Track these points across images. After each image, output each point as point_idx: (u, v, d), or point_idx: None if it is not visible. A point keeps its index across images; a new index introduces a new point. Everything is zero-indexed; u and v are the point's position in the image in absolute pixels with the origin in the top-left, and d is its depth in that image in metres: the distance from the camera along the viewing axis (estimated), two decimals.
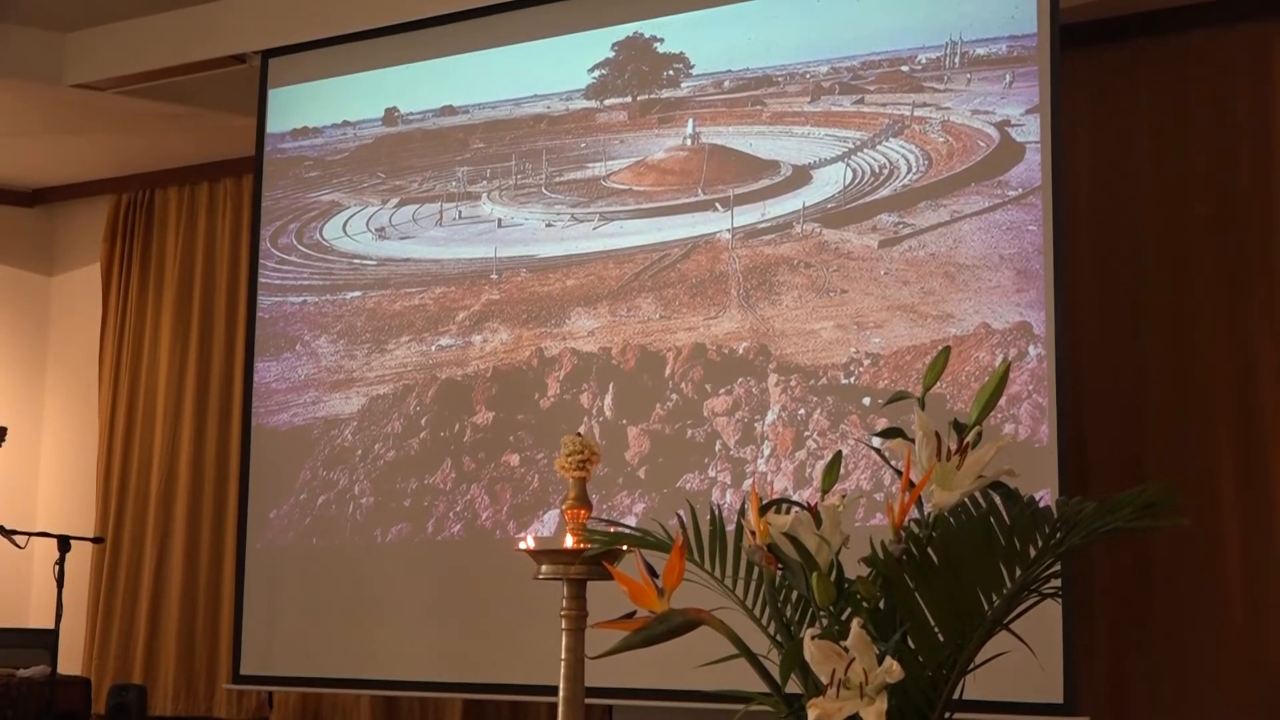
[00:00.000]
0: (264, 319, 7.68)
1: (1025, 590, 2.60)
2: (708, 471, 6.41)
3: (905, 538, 2.61)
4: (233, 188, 9.26)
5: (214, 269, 9.27)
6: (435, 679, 7.00)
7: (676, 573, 2.76)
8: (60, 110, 8.67)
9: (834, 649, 2.51)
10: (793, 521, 2.70)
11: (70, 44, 8.17)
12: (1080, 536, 2.54)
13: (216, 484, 8.95)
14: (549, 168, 7.08)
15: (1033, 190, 5.96)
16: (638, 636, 2.78)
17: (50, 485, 9.82)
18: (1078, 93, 6.65)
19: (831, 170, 6.41)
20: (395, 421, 7.23)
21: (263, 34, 7.79)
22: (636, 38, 6.91)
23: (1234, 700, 6.30)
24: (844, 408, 6.17)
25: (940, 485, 2.60)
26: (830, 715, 2.46)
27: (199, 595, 8.90)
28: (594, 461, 3.64)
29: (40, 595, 9.20)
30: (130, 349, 9.48)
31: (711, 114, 6.71)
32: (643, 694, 6.20)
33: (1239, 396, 6.48)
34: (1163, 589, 6.46)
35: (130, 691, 7.48)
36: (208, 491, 8.99)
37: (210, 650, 8.80)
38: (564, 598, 3.59)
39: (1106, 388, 6.64)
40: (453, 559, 6.98)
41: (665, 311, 6.64)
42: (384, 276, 7.41)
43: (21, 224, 10.09)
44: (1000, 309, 5.95)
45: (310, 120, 7.76)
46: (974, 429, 2.66)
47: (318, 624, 7.28)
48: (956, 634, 2.57)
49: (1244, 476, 6.42)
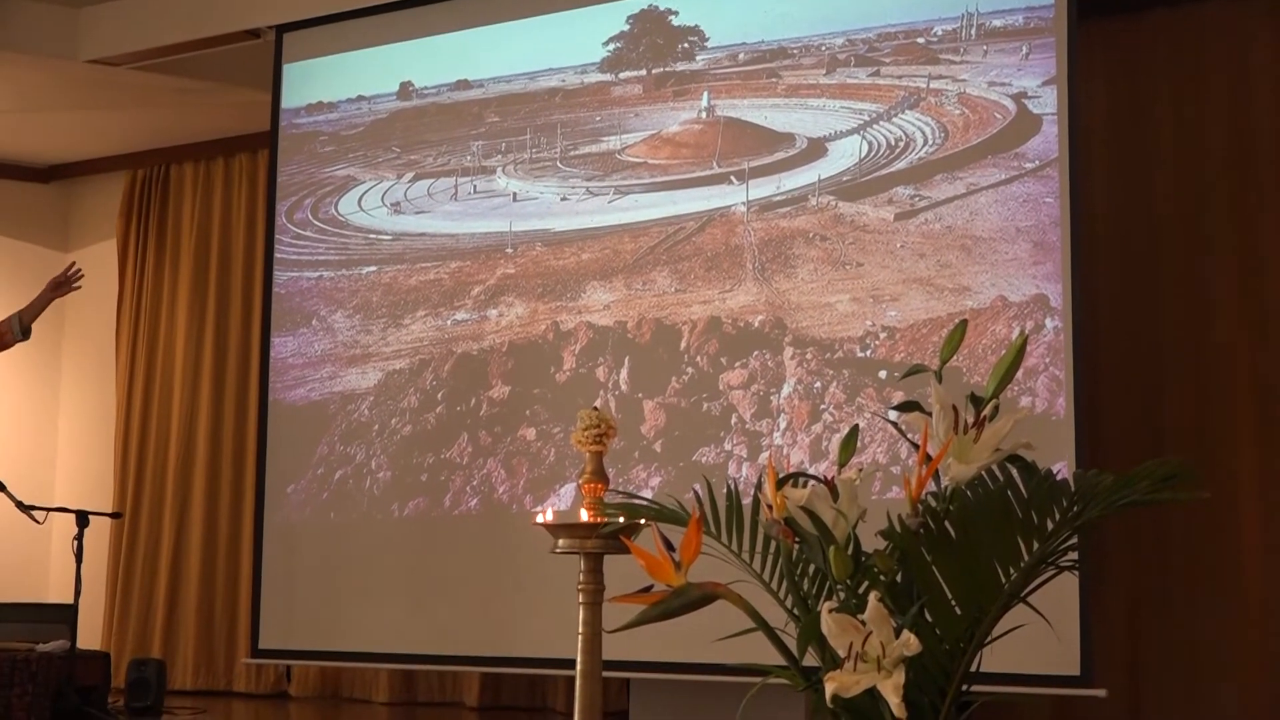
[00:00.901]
0: (280, 294, 7.69)
1: (1042, 563, 2.59)
2: (724, 445, 6.41)
3: (922, 511, 2.61)
4: (248, 163, 9.27)
5: (230, 245, 9.29)
6: (453, 653, 7.02)
7: (693, 547, 2.76)
8: (75, 86, 8.68)
9: (851, 622, 2.51)
10: (809, 495, 2.69)
11: (85, 19, 8.17)
12: (1098, 509, 2.54)
13: (234, 459, 8.99)
14: (564, 141, 7.07)
15: (1050, 162, 5.94)
16: (655, 610, 2.78)
17: (68, 461, 9.86)
18: (1095, 64, 6.63)
19: (847, 143, 6.39)
20: (412, 396, 7.24)
21: (277, 9, 7.79)
22: (651, 10, 6.89)
23: (1251, 674, 6.30)
24: (860, 381, 6.17)
25: (957, 458, 2.60)
26: (848, 688, 2.47)
27: (217, 570, 8.94)
28: (610, 435, 3.64)
29: (59, 570, 9.24)
30: (147, 325, 9.50)
31: (726, 87, 6.70)
32: (660, 667, 6.21)
33: (1257, 369, 6.47)
34: (1180, 562, 6.46)
35: (149, 666, 7.51)
36: (225, 466, 9.02)
37: (229, 624, 8.85)
38: (581, 572, 3.59)
39: (1124, 361, 6.63)
40: (469, 533, 7.00)
41: (680, 285, 6.63)
42: (399, 251, 7.42)
43: (37, 200, 10.12)
44: (1017, 282, 5.94)
45: (325, 95, 7.76)
46: (991, 402, 2.65)
47: (336, 598, 7.30)
48: (974, 607, 2.57)
49: (1263, 448, 6.41)
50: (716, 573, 2.80)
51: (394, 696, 8.23)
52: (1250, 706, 6.29)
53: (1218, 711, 6.35)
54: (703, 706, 6.49)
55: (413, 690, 8.23)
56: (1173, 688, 6.45)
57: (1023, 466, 2.62)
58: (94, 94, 8.76)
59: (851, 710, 2.55)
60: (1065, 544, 2.60)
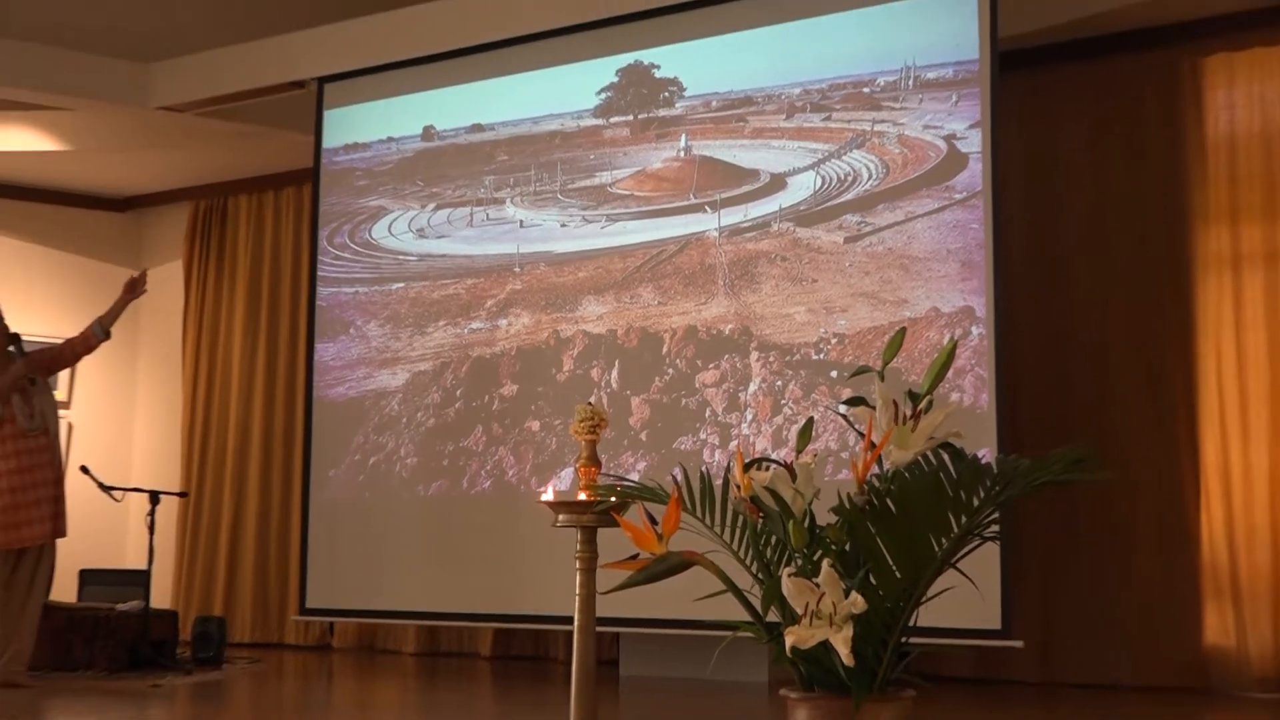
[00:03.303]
0: (322, 307, 7.67)
1: (969, 534, 2.59)
2: (699, 435, 6.41)
3: (868, 490, 2.61)
4: (294, 195, 9.25)
5: (279, 264, 9.26)
6: (470, 610, 7.01)
7: (673, 521, 2.76)
8: (147, 129, 8.66)
9: (807, 585, 2.50)
10: (772, 477, 2.69)
11: (155, 72, 8.15)
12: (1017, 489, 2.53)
13: (284, 447, 8.96)
14: (563, 176, 7.07)
15: (975, 194, 5.95)
16: (641, 575, 2.78)
17: (142, 449, 9.83)
18: (1013, 111, 6.65)
19: (804, 177, 6.39)
20: (434, 393, 7.23)
21: (319, 63, 7.78)
22: (637, 65, 6.89)
23: (1145, 624, 6.31)
24: (815, 380, 6.17)
25: (897, 445, 2.60)
26: (804, 641, 2.46)
27: (270, 541, 8.91)
28: (603, 427, 3.63)
29: (135, 541, 9.20)
30: (208, 333, 9.48)
31: (701, 130, 6.70)
32: (645, 623, 6.20)
33: (1149, 368, 6.49)
34: (1085, 532, 6.46)
35: (212, 622, 7.49)
36: (276, 453, 9.00)
37: (281, 587, 8.82)
38: (578, 542, 3.58)
39: (1038, 362, 6.64)
40: (484, 510, 6.99)
41: (662, 299, 6.63)
42: (423, 270, 7.40)
43: (115, 227, 10.09)
44: (948, 295, 5.95)
45: (359, 137, 7.75)
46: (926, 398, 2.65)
47: (371, 564, 7.29)
48: (911, 571, 2.56)
49: (1153, 436, 6.43)
50: (693, 543, 2.80)
51: (420, 648, 8.21)
52: (1141, 654, 6.30)
53: (1114, 657, 6.36)
54: (681, 656, 6.50)
55: (436, 643, 8.22)
56: (1078, 638, 6.46)
57: (953, 452, 2.62)
58: (163, 136, 8.74)
59: (808, 659, 2.54)
60: (989, 518, 2.60)
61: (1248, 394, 6.26)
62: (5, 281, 8.68)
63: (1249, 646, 6.09)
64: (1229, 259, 6.39)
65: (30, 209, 9.71)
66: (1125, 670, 6.31)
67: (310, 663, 7.79)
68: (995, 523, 2.63)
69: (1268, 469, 6.17)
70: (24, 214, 9.69)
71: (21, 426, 6.09)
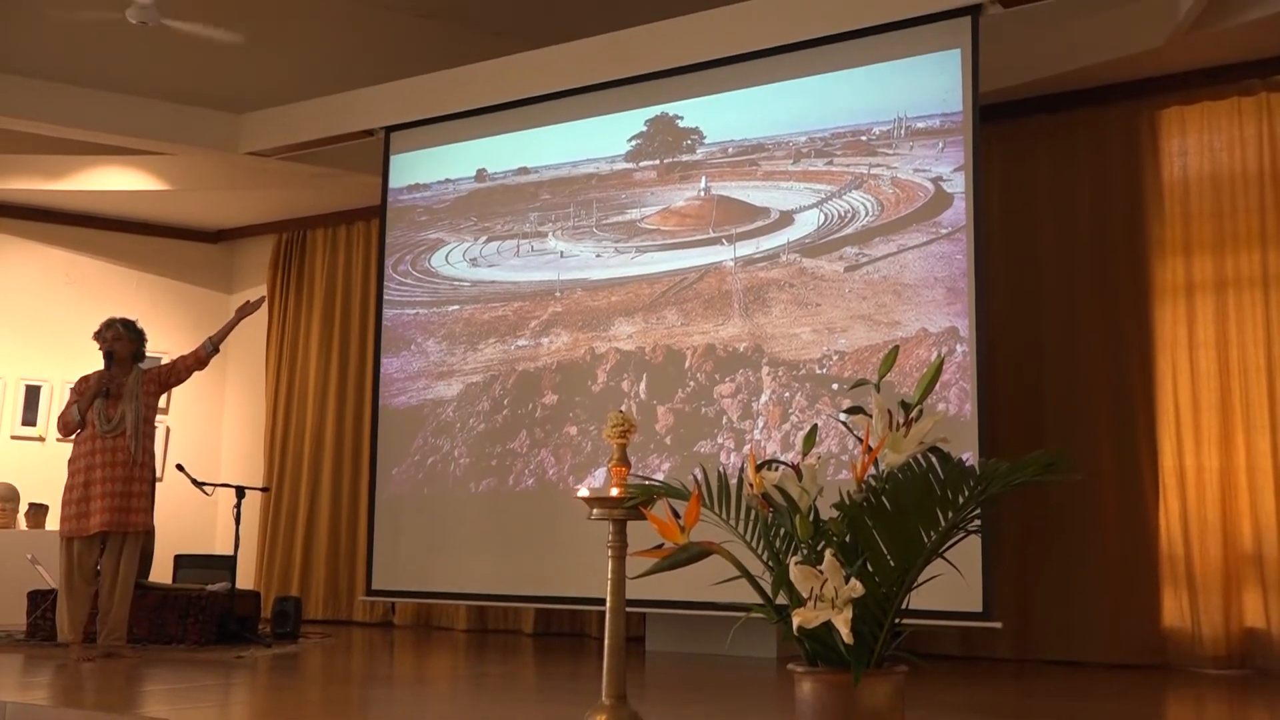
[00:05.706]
0: (387, 326, 7.69)
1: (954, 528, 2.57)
2: (717, 439, 6.40)
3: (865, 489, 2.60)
4: (364, 229, 9.30)
5: (350, 289, 9.31)
6: (514, 593, 7.01)
7: (694, 515, 2.75)
8: (236, 171, 8.71)
9: (812, 572, 2.49)
10: (781, 476, 2.68)
11: (244, 122, 8.22)
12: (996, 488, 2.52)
13: (353, 449, 9.00)
14: (598, 213, 7.07)
15: (959, 229, 5.93)
16: (665, 562, 2.77)
17: (230, 449, 9.88)
18: (993, 156, 6.66)
19: (809, 214, 6.38)
20: (484, 402, 7.24)
21: (386, 114, 7.82)
22: (663, 116, 6.90)
23: (1111, 608, 6.27)
24: (818, 392, 6.15)
25: (891, 449, 2.59)
26: (809, 621, 2.45)
27: (340, 530, 8.94)
28: (632, 432, 3.62)
29: (223, 530, 9.27)
30: (289, 348, 9.53)
31: (719, 172, 6.70)
32: (669, 605, 6.19)
33: (1113, 382, 6.46)
34: (1057, 527, 6.43)
35: (290, 602, 7.51)
36: (347, 454, 9.03)
37: (350, 571, 8.84)
38: (610, 534, 3.57)
39: (1014, 375, 6.62)
40: (527, 504, 6.99)
41: (685, 320, 6.63)
42: (476, 294, 7.42)
43: (208, 256, 10.15)
44: (935, 317, 5.92)
45: (421, 178, 7.77)
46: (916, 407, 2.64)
47: (428, 552, 7.30)
48: (903, 560, 2.55)
49: (1118, 442, 6.40)
50: (711, 534, 2.79)
51: (470, 625, 8.21)
52: (1107, 634, 6.26)
53: (1083, 637, 6.32)
54: (700, 634, 6.48)
55: (484, 621, 8.22)
56: (1051, 620, 6.42)
57: (940, 455, 2.61)
58: (250, 177, 8.80)
59: (812, 637, 2.53)
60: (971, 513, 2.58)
61: (1200, 405, 6.23)
62: (112, 304, 8.74)
63: (1202, 628, 6.05)
64: (1183, 287, 6.37)
65: (135, 240, 9.79)
66: (1093, 648, 6.27)
67: (375, 638, 7.80)
68: (978, 518, 2.61)
69: (1218, 470, 6.13)
70: (129, 245, 9.77)
71: (100, 430, 6.13)
